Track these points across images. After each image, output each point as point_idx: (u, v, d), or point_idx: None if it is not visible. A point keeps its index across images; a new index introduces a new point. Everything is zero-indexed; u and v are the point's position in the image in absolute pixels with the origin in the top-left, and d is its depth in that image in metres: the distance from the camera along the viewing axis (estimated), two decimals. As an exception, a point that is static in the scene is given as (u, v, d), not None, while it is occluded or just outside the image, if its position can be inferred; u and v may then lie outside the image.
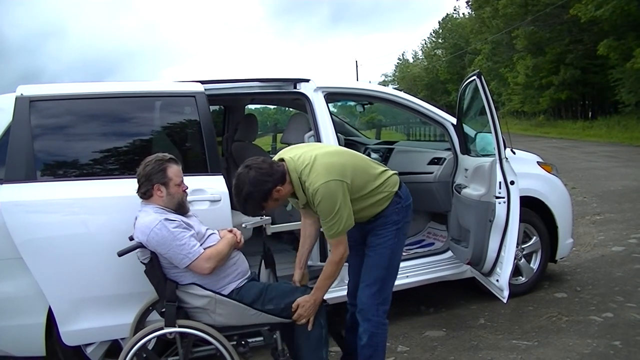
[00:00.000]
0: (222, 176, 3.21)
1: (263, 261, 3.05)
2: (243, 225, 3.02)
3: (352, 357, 2.97)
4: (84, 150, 3.13)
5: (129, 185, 2.73)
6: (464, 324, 3.86)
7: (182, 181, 2.73)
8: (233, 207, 3.23)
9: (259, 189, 2.47)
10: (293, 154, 2.64)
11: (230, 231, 2.83)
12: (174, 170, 2.69)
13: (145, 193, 2.67)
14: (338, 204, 2.49)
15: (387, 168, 2.82)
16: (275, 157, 2.68)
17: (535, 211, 4.25)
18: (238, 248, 2.81)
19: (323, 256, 3.40)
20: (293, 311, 2.63)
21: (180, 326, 2.56)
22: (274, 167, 2.53)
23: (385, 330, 2.76)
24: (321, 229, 2.75)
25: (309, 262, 3.44)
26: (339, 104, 7.03)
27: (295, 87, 3.75)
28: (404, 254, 4.23)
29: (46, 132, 3.07)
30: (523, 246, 4.26)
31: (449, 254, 4.10)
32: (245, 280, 2.76)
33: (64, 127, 3.15)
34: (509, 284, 3.53)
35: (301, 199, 2.62)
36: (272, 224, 3.07)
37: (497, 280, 3.55)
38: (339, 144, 3.68)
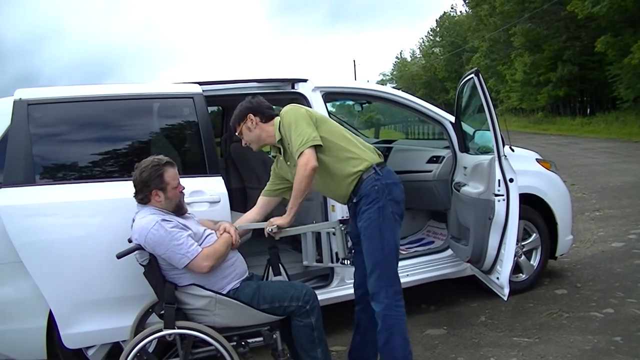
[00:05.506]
0: (221, 177, 3.21)
1: (271, 269, 3.02)
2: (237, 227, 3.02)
3: (357, 354, 2.99)
4: (82, 153, 3.12)
5: (128, 188, 2.72)
6: (465, 321, 3.86)
7: (179, 183, 2.72)
8: (232, 208, 3.23)
9: (243, 107, 2.90)
10: None
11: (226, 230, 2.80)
12: (170, 174, 2.66)
13: (142, 199, 2.65)
14: (299, 116, 2.74)
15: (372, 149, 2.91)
16: None
17: (534, 208, 4.25)
18: (233, 247, 2.79)
19: (319, 255, 3.38)
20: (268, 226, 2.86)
21: (179, 327, 2.56)
22: (266, 105, 2.92)
23: (400, 312, 2.73)
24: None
25: (305, 262, 3.42)
26: (338, 103, 7.02)
27: (293, 87, 3.75)
28: (403, 252, 4.27)
29: (45, 135, 3.06)
30: (523, 243, 4.26)
31: (449, 252, 4.10)
32: (242, 281, 2.75)
33: (62, 130, 3.15)
34: (509, 281, 3.52)
35: (276, 135, 2.85)
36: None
37: (498, 278, 3.55)
38: None
